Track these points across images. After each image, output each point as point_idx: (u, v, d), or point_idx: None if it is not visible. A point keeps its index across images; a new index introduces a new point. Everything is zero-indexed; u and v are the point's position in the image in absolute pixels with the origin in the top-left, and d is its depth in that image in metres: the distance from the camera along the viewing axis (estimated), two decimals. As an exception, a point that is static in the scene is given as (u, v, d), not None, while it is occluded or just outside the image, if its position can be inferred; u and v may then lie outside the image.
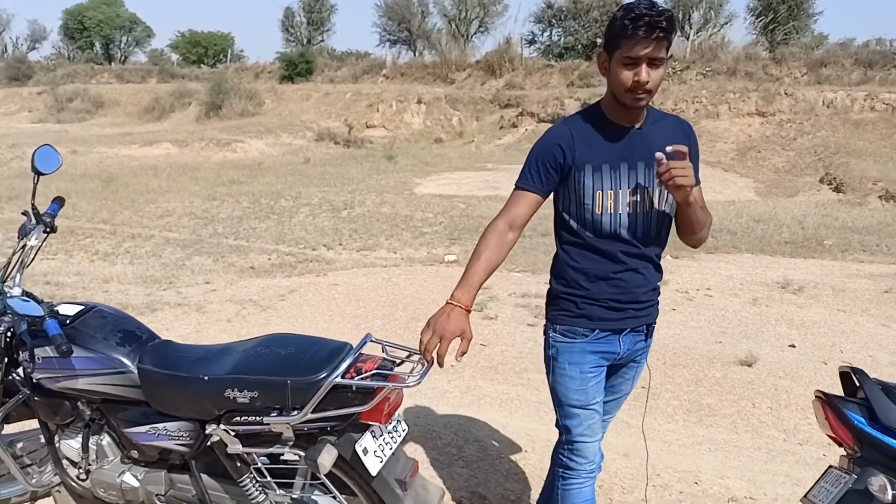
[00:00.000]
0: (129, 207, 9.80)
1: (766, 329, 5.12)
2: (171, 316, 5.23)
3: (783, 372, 4.33)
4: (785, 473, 3.19)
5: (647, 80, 1.87)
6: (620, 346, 2.12)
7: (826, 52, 20.56)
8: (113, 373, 2.14)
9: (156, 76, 31.26)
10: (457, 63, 25.07)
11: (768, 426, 3.70)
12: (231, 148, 17.16)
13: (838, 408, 1.94)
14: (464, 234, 8.56)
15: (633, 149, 1.99)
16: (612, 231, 2.02)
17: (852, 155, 13.38)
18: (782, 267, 6.89)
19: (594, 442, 2.18)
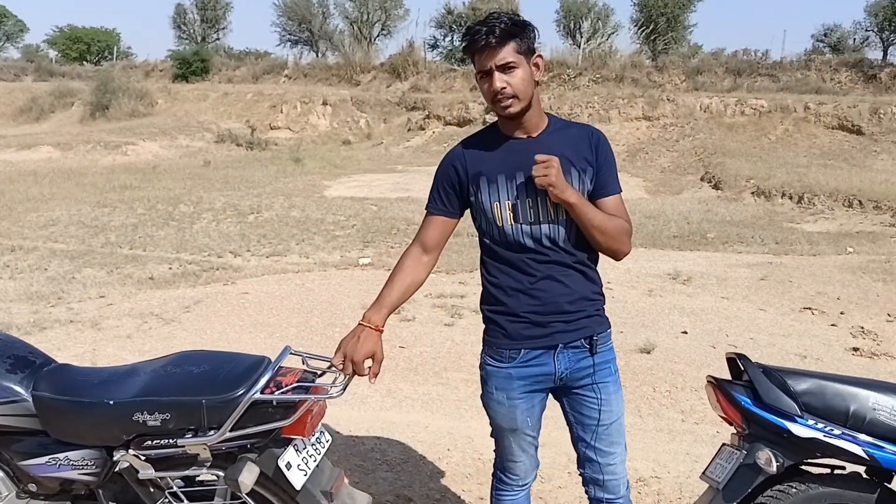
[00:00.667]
0: (7, 217, 9.09)
1: (661, 318, 5.42)
2: (62, 334, 4.87)
3: (678, 357, 4.59)
4: (685, 452, 3.39)
5: (502, 86, 1.86)
6: (556, 366, 1.98)
7: (701, 60, 22.28)
8: (4, 402, 1.96)
9: (31, 74, 29.18)
10: (361, 65, 24.92)
11: (668, 408, 3.93)
12: (121, 151, 16.29)
13: (727, 390, 2.08)
14: (377, 236, 8.50)
15: (530, 158, 1.89)
16: (518, 241, 1.96)
17: (727, 155, 14.61)
18: (672, 259, 7.32)
19: (522, 462, 2.11)
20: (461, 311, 5.52)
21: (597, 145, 1.98)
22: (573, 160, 1.95)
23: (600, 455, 2.03)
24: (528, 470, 2.14)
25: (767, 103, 16.75)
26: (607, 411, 2.01)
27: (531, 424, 2.07)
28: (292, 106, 21.22)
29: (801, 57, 21.69)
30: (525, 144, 1.96)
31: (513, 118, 1.93)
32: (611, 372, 2.03)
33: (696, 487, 2.98)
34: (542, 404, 2.09)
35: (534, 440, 2.11)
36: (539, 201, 1.93)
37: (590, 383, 2.01)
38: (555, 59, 22.43)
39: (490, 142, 2.01)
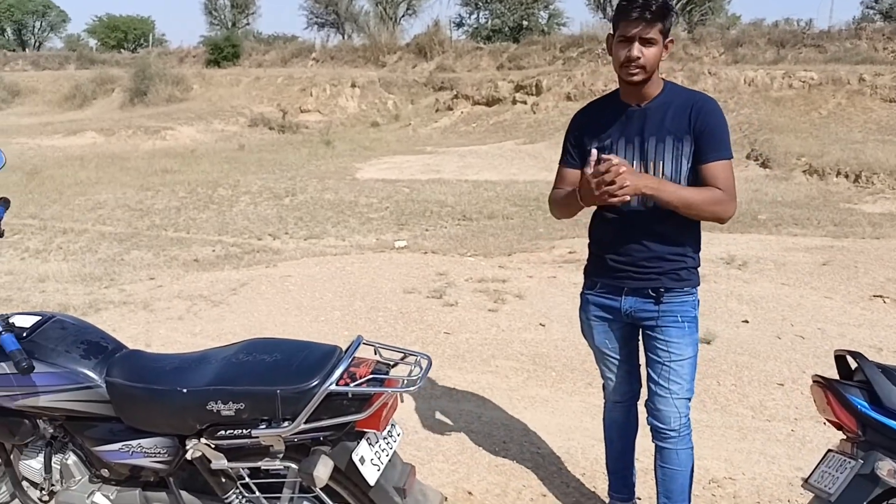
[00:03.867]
0: (58, 201, 9.26)
1: (718, 305, 5.19)
2: (116, 316, 4.93)
3: (741, 348, 4.40)
4: (759, 451, 3.23)
5: (637, 55, 2.06)
6: (622, 304, 2.30)
7: (741, 31, 21.38)
8: (78, 388, 1.95)
9: (74, 62, 29.68)
10: (387, 46, 24.79)
11: (735, 403, 3.74)
12: (161, 135, 16.46)
13: (840, 392, 1.92)
14: (411, 218, 8.46)
15: (633, 125, 2.18)
16: None
17: (775, 131, 13.90)
18: (724, 243, 7.02)
19: (610, 379, 2.48)
20: (504, 296, 5.45)
21: (697, 113, 2.14)
22: (671, 129, 2.15)
23: (657, 387, 2.31)
24: (614, 388, 2.49)
25: (818, 75, 15.83)
26: (666, 352, 2.28)
27: (611, 347, 2.42)
28: (322, 89, 21.22)
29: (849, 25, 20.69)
30: (634, 112, 2.20)
31: (634, 85, 2.14)
32: (677, 320, 2.26)
33: (774, 490, 2.88)
34: (622, 333, 2.39)
35: (619, 362, 2.43)
36: (634, 166, 2.13)
37: (654, 326, 2.29)
38: (585, 34, 21.95)
39: (606, 107, 2.28)
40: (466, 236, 7.56)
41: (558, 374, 4.12)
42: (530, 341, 4.59)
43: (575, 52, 21.22)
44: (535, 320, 4.95)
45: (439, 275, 6.02)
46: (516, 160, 13.39)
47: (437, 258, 6.65)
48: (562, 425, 3.49)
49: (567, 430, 3.43)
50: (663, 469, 2.36)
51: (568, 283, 5.62)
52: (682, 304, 2.27)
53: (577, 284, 2.52)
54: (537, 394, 3.89)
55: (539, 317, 5.00)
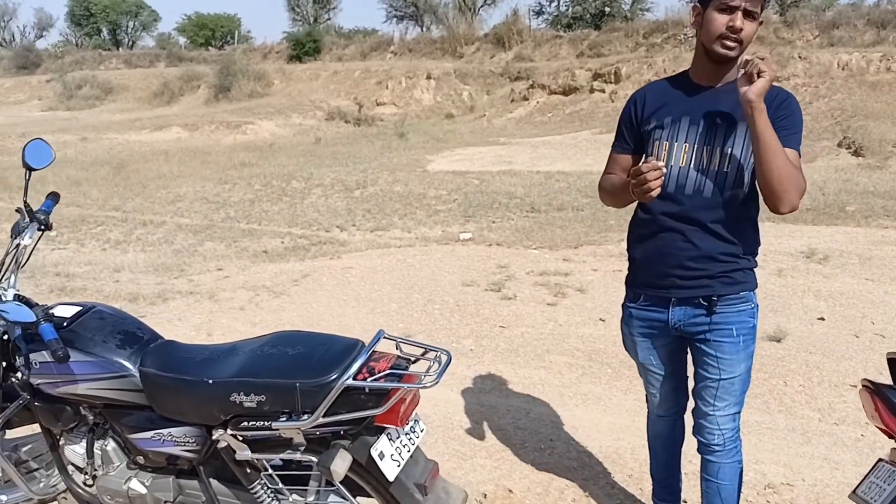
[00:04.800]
0: (141, 194, 9.73)
1: (793, 301, 4.93)
2: (182, 305, 5.13)
3: (814, 347, 4.16)
4: (822, 456, 3.04)
5: (741, 27, 1.88)
6: (670, 317, 2.09)
7: (837, 13, 20.08)
8: (114, 377, 2.02)
9: (164, 60, 31.11)
10: (465, 37, 24.68)
11: (802, 405, 3.53)
12: (241, 130, 17.04)
13: (889, 398, 1.79)
14: (478, 210, 8.40)
15: (701, 105, 2.00)
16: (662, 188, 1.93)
17: (870, 118, 13.01)
18: (805, 235, 6.66)
19: (653, 394, 2.31)
20: (565, 289, 5.34)
21: (778, 104, 1.95)
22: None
23: (702, 402, 2.15)
24: (659, 403, 2.32)
25: None
26: (717, 369, 2.08)
27: (655, 363, 2.23)
28: (397, 81, 21.37)
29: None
30: (703, 93, 2.01)
31: (721, 62, 1.96)
32: (732, 334, 2.04)
33: (835, 499, 2.70)
34: (669, 349, 2.20)
35: (663, 378, 2.25)
36: (696, 148, 1.98)
37: (705, 339, 2.07)
38: (669, 19, 21.19)
39: (675, 86, 2.09)
40: (533, 228, 7.45)
41: (614, 370, 4.00)
42: (588, 337, 4.48)
43: (659, 38, 20.50)
44: (595, 315, 4.82)
45: (500, 267, 5.96)
46: (591, 150, 13.09)
47: (501, 251, 6.59)
48: (613, 424, 3.38)
49: (618, 429, 3.31)
50: (707, 481, 2.23)
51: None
52: (739, 314, 2.05)
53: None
54: (590, 391, 3.78)
55: (600, 311, 4.87)
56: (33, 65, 32.56)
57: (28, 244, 2.15)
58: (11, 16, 44.03)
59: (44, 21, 43.45)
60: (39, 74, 30.25)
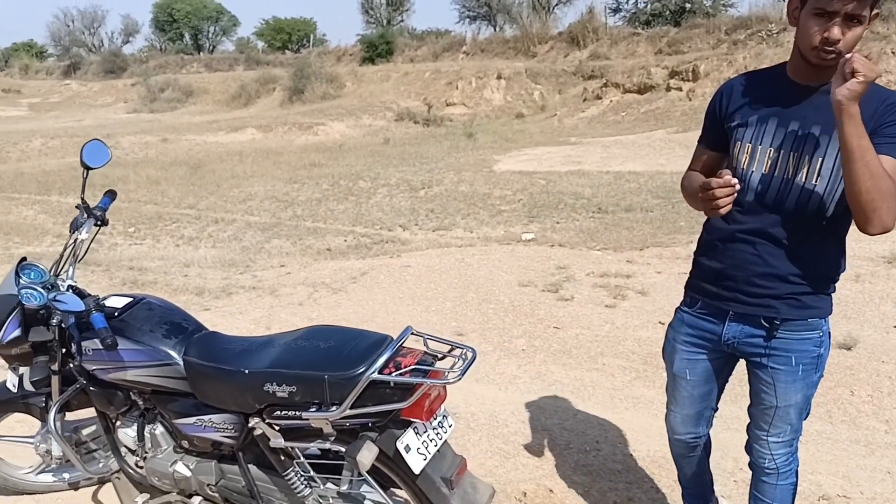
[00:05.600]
0: (215, 192, 10.13)
1: (868, 308, 4.69)
2: (245, 300, 5.32)
3: (887, 356, 3.94)
4: (885, 469, 2.89)
5: (838, 38, 1.62)
6: (724, 331, 1.94)
7: None
8: (159, 364, 2.13)
9: (242, 64, 32.27)
10: (538, 36, 24.48)
11: (868, 416, 3.36)
12: (313, 131, 17.48)
13: None
14: (543, 211, 8.33)
15: (792, 106, 1.77)
16: (738, 193, 1.75)
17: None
18: (890, 239, 6.24)
19: (674, 413, 2.16)
20: (625, 291, 5.23)
21: (885, 106, 1.71)
22: None
23: (755, 425, 2.04)
24: (678, 423, 2.16)
25: None
26: (772, 396, 1.94)
27: (690, 378, 2.06)
28: (467, 82, 21.43)
29: None
30: (797, 93, 1.78)
31: (817, 70, 1.74)
32: (790, 362, 1.88)
33: (891, 514, 2.56)
34: (710, 366, 2.04)
35: (692, 398, 2.09)
36: (782, 154, 1.78)
37: (761, 363, 1.93)
38: (754, 14, 20.40)
39: (768, 80, 1.87)
40: (598, 229, 7.34)
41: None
42: (645, 340, 4.38)
43: (742, 35, 19.76)
44: (655, 318, 4.71)
45: (559, 268, 5.89)
46: (665, 150, 12.76)
47: (562, 251, 6.52)
48: (663, 429, 3.25)
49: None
50: (757, 499, 2.12)
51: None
52: (802, 342, 1.86)
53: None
54: (642, 395, 3.70)
55: (660, 314, 4.75)
56: (120, 69, 34.32)
57: (85, 238, 2.29)
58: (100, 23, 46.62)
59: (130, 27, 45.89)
60: (125, 78, 31.90)
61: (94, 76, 34.30)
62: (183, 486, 2.26)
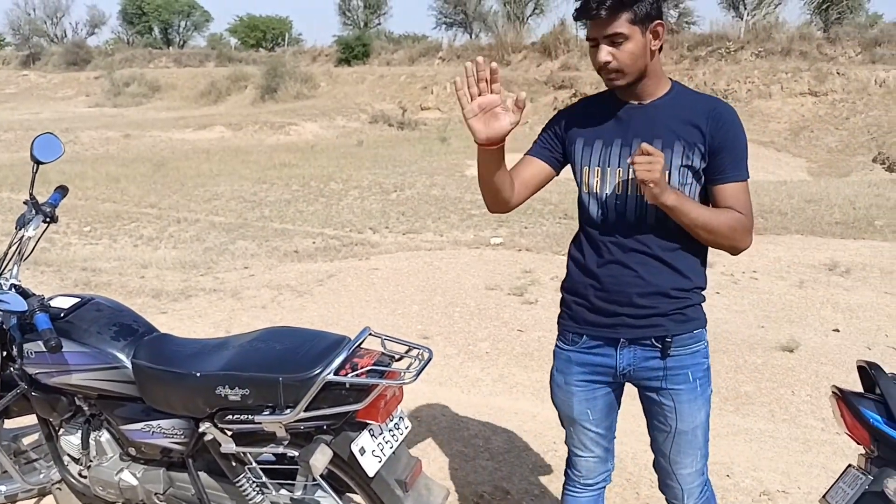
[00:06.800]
0: (178, 191, 9.95)
1: (810, 313, 4.90)
2: (205, 302, 5.23)
3: (825, 357, 4.12)
4: (821, 465, 3.02)
5: (607, 59, 1.69)
6: (618, 361, 1.85)
7: (881, 31, 19.93)
8: (106, 368, 2.07)
9: (213, 60, 31.78)
10: (512, 45, 24.77)
11: (806, 415, 3.51)
12: (285, 131, 17.33)
13: (854, 405, 1.79)
14: (512, 215, 8.34)
15: (631, 125, 1.77)
16: (598, 214, 1.80)
17: (906, 134, 12.92)
18: (831, 248, 6.59)
19: (586, 457, 2.00)
20: (590, 297, 5.27)
21: (717, 120, 1.73)
22: (680, 132, 1.74)
23: (669, 463, 1.93)
24: (591, 468, 2.02)
25: None
26: (679, 421, 1.86)
27: (592, 418, 1.95)
28: (442, 87, 21.48)
29: None
30: (632, 111, 1.79)
31: (620, 89, 1.77)
32: (688, 379, 1.83)
33: (828, 506, 2.65)
34: (609, 399, 1.95)
35: (598, 437, 1.98)
36: (633, 174, 1.70)
37: (660, 387, 1.85)
38: (714, 32, 21.02)
39: (603, 103, 1.85)
40: (564, 234, 7.38)
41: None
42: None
43: (703, 51, 20.44)
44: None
45: (525, 272, 5.92)
46: (629, 158, 12.99)
47: (529, 256, 6.56)
48: (618, 429, 3.32)
49: (621, 433, 3.20)
50: None
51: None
52: (694, 356, 1.83)
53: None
54: (602, 398, 3.73)
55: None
56: (83, 61, 33.16)
57: (32, 236, 2.22)
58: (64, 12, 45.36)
59: (96, 18, 44.52)
60: (89, 71, 30.94)
61: (54, 68, 33.18)
62: (129, 496, 2.19)
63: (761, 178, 11.73)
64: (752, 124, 15.20)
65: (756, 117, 15.53)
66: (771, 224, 7.68)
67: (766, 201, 9.01)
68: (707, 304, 1.87)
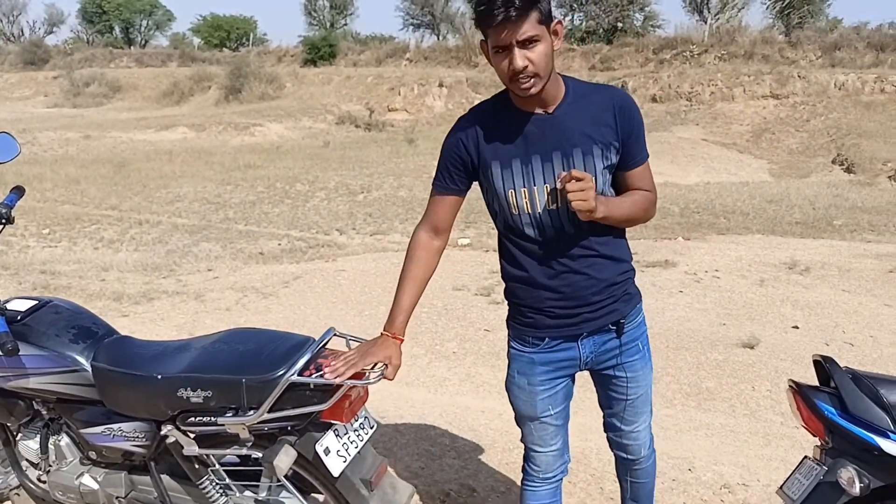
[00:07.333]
0: (140, 193, 9.77)
1: (770, 310, 5.02)
2: (167, 305, 5.15)
3: (785, 354, 4.22)
4: (780, 458, 3.09)
5: (524, 64, 1.62)
6: (581, 352, 1.90)
7: (840, 35, 20.70)
8: (65, 371, 2.03)
9: (176, 60, 31.25)
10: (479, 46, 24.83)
11: (766, 409, 3.60)
12: (249, 132, 17.13)
13: (809, 397, 1.83)
14: (480, 216, 8.37)
15: (546, 138, 1.74)
16: (535, 233, 1.80)
17: (863, 136, 13.47)
18: (791, 247, 6.78)
19: (546, 452, 2.03)
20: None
21: (622, 111, 1.77)
22: (595, 136, 1.75)
23: (625, 424, 2.05)
24: (550, 462, 2.05)
25: None
26: (634, 388, 1.98)
27: (553, 413, 1.98)
28: (410, 88, 21.48)
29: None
30: (541, 122, 1.75)
31: (530, 98, 1.71)
32: (638, 349, 1.96)
33: (788, 498, 2.74)
34: (567, 390, 2.01)
35: (557, 430, 2.02)
36: (558, 185, 1.73)
37: (616, 364, 1.95)
38: (679, 35, 21.45)
39: (502, 118, 1.78)
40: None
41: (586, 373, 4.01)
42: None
43: (668, 54, 20.87)
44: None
45: (492, 273, 5.95)
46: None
47: (496, 256, 6.51)
48: (582, 425, 3.36)
49: (586, 430, 3.30)
50: (635, 484, 2.17)
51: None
52: (639, 326, 1.95)
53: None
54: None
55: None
56: (41, 61, 32.26)
57: None
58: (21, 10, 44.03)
59: (55, 17, 43.32)
60: (47, 70, 30.09)
61: (11, 67, 32.24)
62: (89, 500, 2.15)
63: (724, 179, 11.99)
64: (716, 126, 15.52)
65: (719, 119, 15.85)
66: (733, 224, 7.85)
67: (729, 202, 9.22)
68: (670, 302, 1.95)
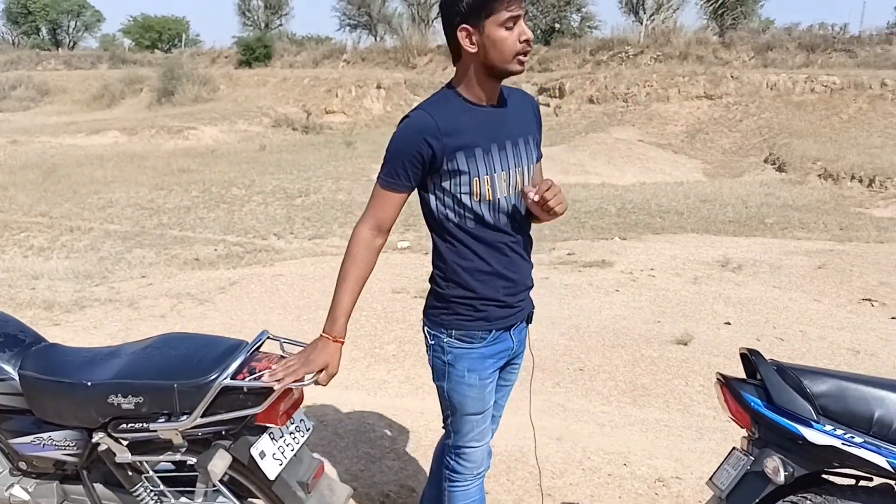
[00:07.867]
0: (71, 199, 9.43)
1: (703, 307, 5.18)
2: (100, 313, 5.02)
3: (717, 349, 4.38)
4: (712, 451, 3.21)
5: (531, 35, 1.78)
6: (513, 341, 2.02)
7: (772, 36, 21.32)
8: None
9: (106, 62, 30.20)
10: (418, 48, 24.85)
11: (699, 404, 3.74)
12: (183, 135, 16.70)
13: (736, 389, 1.93)
14: (419, 219, 8.33)
15: (499, 128, 1.87)
16: (494, 220, 1.88)
17: (794, 135, 13.87)
18: (724, 246, 7.01)
19: (482, 447, 2.08)
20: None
21: (536, 111, 2.02)
22: (530, 128, 1.97)
23: (497, 410, 2.16)
24: (482, 458, 2.10)
25: (840, 80, 15.64)
26: (516, 375, 2.16)
27: (493, 404, 2.09)
28: (347, 90, 21.33)
29: (882, 31, 20.35)
30: (492, 114, 1.88)
31: (501, 79, 1.86)
32: (527, 335, 2.11)
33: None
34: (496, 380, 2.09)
35: (492, 421, 2.13)
36: (511, 173, 1.89)
37: (519, 352, 2.09)
38: (615, 36, 21.88)
39: (458, 111, 1.84)
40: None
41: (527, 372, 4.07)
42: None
43: (605, 56, 21.22)
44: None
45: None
46: (533, 161, 13.35)
47: (434, 259, 6.64)
48: (521, 424, 3.44)
49: (524, 427, 3.39)
50: None
51: (559, 284, 5.56)
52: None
53: (569, 286, 2.38)
54: (505, 394, 3.85)
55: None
56: (-37, 64, 31.02)
57: None
58: (-62, 11, 41.86)
59: (-24, 18, 41.51)
60: (-31, 74, 28.91)
61: (-73, 70, 30.73)
62: (20, 511, 2.12)
63: (659, 179, 12.34)
64: (651, 127, 15.89)
65: (655, 120, 16.19)
66: (668, 223, 8.10)
67: (664, 201, 9.52)
68: (607, 301, 2.08)
